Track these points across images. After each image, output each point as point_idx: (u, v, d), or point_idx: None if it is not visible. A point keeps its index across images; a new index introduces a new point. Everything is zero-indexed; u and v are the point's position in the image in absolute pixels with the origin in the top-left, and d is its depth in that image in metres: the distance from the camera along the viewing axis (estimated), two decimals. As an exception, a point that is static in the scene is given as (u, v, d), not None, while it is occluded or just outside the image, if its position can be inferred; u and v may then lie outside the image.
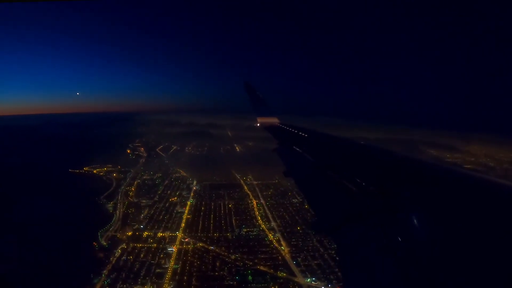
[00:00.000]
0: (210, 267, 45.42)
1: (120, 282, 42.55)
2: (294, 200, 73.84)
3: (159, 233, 56.38)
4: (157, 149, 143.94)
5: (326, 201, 4.05)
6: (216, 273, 43.97)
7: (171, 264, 46.29)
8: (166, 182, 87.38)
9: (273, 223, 61.22)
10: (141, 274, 44.21)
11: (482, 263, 1.76)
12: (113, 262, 47.35)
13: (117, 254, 49.51)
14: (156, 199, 73.71)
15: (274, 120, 12.72)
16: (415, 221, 2.45)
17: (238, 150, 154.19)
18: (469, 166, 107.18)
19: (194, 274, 43.84)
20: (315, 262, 47.37)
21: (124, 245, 52.11)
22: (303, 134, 9.27)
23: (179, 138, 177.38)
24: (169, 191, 79.30)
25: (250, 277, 43.13)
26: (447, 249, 2.00)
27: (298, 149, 7.07)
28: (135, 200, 73.26)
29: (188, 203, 71.16)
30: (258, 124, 12.54)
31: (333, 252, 49.27)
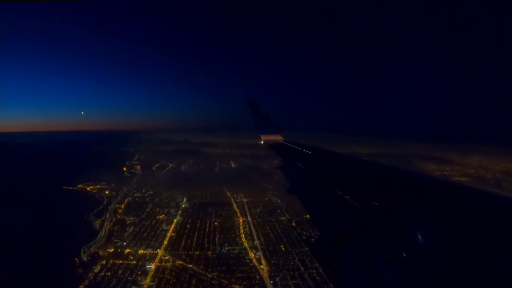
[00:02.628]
0: (186, 285, 45.28)
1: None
2: (282, 218, 73.77)
3: (140, 250, 56.57)
4: (153, 167, 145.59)
5: (329, 217, 3.99)
6: (190, 291, 43.81)
7: (147, 281, 46.37)
8: (156, 199, 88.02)
9: (256, 241, 60.90)
10: (116, 290, 44.34)
11: (486, 275, 1.76)
12: (91, 277, 47.72)
13: (96, 270, 49.89)
14: (143, 216, 74.24)
15: (277, 138, 12.73)
16: (418, 233, 2.44)
17: (233, 167, 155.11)
18: (465, 178, 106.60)
19: (168, 291, 43.77)
20: (294, 281, 46.73)
21: (104, 262, 52.38)
22: (306, 151, 9.23)
23: (176, 156, 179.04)
24: (157, 209, 79.77)
25: (223, 296, 42.86)
26: (450, 260, 1.98)
27: (302, 166, 7.14)
28: (123, 218, 73.81)
29: (175, 220, 71.44)
30: (262, 142, 12.51)
31: (313, 271, 48.72)
